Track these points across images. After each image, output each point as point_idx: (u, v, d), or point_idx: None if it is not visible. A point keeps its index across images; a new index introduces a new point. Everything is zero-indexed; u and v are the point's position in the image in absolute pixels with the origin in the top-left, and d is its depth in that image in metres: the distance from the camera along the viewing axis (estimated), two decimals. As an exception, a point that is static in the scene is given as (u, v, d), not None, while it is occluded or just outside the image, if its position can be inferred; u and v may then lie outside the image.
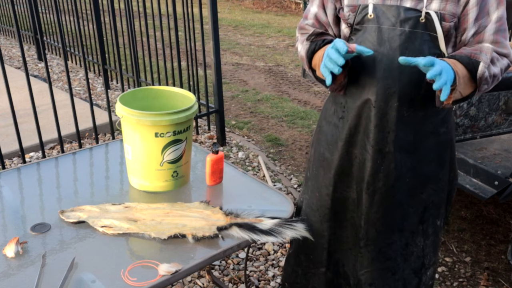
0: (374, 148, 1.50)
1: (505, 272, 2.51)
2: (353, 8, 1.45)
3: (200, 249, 1.49)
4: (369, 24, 1.43)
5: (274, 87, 5.57)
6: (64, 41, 3.13)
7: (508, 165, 2.38)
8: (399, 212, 1.57)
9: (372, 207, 1.56)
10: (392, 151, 1.49)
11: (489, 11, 1.38)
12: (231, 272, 2.44)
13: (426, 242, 1.62)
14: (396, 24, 1.39)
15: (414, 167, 1.52)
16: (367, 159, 1.52)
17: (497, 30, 1.38)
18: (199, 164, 2.04)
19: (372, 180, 1.53)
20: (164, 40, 4.27)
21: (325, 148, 1.63)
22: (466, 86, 1.35)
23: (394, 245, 1.60)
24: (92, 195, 1.78)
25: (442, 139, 1.53)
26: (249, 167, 3.53)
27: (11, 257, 1.41)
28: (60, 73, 5.49)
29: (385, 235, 1.59)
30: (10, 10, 6.59)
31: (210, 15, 3.49)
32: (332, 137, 1.60)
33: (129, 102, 1.80)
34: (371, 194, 1.55)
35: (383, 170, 1.51)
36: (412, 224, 1.58)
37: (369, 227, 1.59)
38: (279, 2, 11.68)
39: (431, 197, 1.57)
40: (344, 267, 1.72)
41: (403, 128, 1.47)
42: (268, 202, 1.76)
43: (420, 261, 1.63)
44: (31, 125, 3.00)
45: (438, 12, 1.36)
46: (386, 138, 1.48)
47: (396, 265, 1.62)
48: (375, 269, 1.63)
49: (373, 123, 1.47)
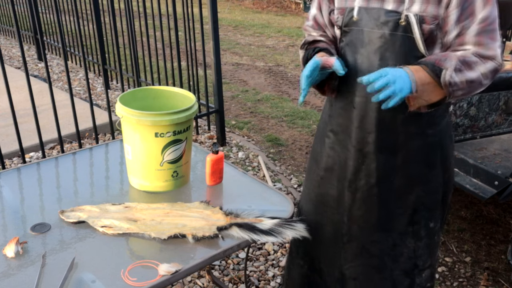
0: (356, 147, 1.54)
1: (505, 272, 2.51)
2: (342, 10, 1.49)
3: (200, 249, 1.49)
4: (354, 26, 1.46)
5: (274, 87, 5.57)
6: (64, 41, 3.13)
7: (508, 165, 2.38)
8: (384, 212, 1.58)
9: (354, 205, 1.60)
10: (372, 151, 1.52)
11: (474, 12, 1.34)
12: (231, 272, 2.44)
13: (418, 244, 1.61)
14: (376, 27, 1.41)
15: (399, 168, 1.53)
16: (348, 157, 1.57)
17: (480, 31, 1.34)
18: (199, 164, 2.04)
19: (354, 178, 1.57)
20: (164, 40, 4.27)
21: (317, 143, 1.71)
22: (433, 92, 1.35)
23: (379, 244, 1.62)
24: (92, 195, 1.78)
25: (430, 141, 1.52)
26: (249, 167, 3.53)
27: (11, 257, 1.41)
28: (60, 73, 5.49)
29: (368, 232, 1.61)
30: (10, 10, 6.58)
31: (210, 15, 3.49)
32: (322, 132, 1.67)
33: (129, 102, 1.80)
34: (353, 192, 1.59)
35: (364, 169, 1.55)
36: (400, 225, 1.59)
37: (352, 224, 1.62)
38: (279, 2, 11.68)
39: (421, 199, 1.57)
40: (320, 263, 1.76)
41: (383, 129, 1.49)
42: (268, 202, 1.76)
43: (412, 262, 1.63)
44: (31, 125, 3.00)
45: (418, 15, 1.35)
46: (367, 139, 1.51)
47: (382, 264, 1.64)
48: (359, 265, 1.66)
49: (354, 124, 1.52)
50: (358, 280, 1.67)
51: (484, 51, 1.35)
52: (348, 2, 1.47)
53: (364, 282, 1.67)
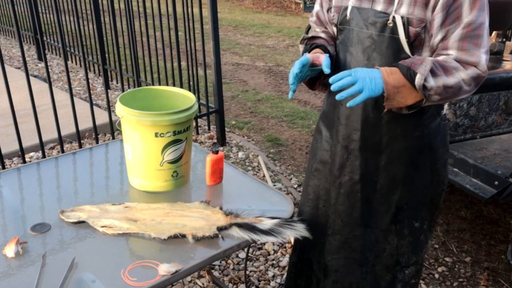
0: (341, 144, 1.58)
1: (505, 272, 2.51)
2: (338, 8, 1.52)
3: (200, 249, 1.49)
4: (346, 25, 1.50)
5: (274, 87, 5.57)
6: (64, 41, 3.13)
7: (508, 165, 2.38)
8: (367, 209, 1.61)
9: (338, 199, 1.64)
10: (357, 149, 1.55)
11: (460, 16, 1.31)
12: (231, 272, 2.44)
13: (401, 242, 1.64)
14: (366, 27, 1.43)
15: (382, 167, 1.55)
16: (336, 153, 1.61)
17: (464, 37, 1.32)
18: (199, 164, 2.04)
19: (338, 173, 1.62)
20: (164, 40, 4.27)
21: (314, 135, 1.77)
22: (410, 95, 1.35)
23: (361, 239, 1.65)
24: (92, 195, 1.78)
25: (415, 143, 1.52)
26: (249, 167, 3.53)
27: (11, 257, 1.41)
28: (60, 73, 5.49)
29: (351, 227, 1.65)
30: (10, 10, 6.59)
31: (210, 15, 3.49)
32: (318, 127, 1.73)
33: (129, 102, 1.80)
34: (337, 187, 1.63)
35: (348, 166, 1.59)
36: (383, 223, 1.62)
37: (336, 218, 1.66)
38: (279, 2, 11.68)
39: (405, 199, 1.58)
40: (309, 253, 1.81)
41: (368, 128, 1.52)
42: (268, 202, 1.76)
43: (394, 259, 1.66)
44: (31, 125, 3.00)
45: (405, 17, 1.35)
46: (352, 136, 1.55)
47: (364, 258, 1.67)
48: (340, 257, 1.70)
49: (341, 121, 1.57)
50: (339, 272, 1.72)
51: (466, 57, 1.32)
52: (344, 1, 1.50)
53: (345, 274, 1.71)
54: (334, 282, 1.73)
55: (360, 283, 1.70)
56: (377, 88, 1.32)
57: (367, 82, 1.31)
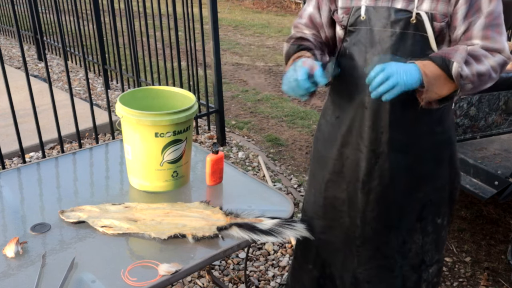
0: (368, 148, 1.52)
1: (505, 272, 2.51)
2: (347, 10, 1.48)
3: (200, 249, 1.49)
4: (361, 26, 1.45)
5: (274, 87, 5.57)
6: (64, 41, 3.13)
7: (508, 165, 2.38)
8: (395, 210, 1.58)
9: (367, 206, 1.58)
10: (386, 152, 1.51)
11: (480, 7, 1.36)
12: (231, 272, 2.44)
13: (426, 240, 1.62)
14: (387, 26, 1.40)
15: (409, 166, 1.53)
16: (361, 159, 1.54)
17: (487, 25, 1.36)
18: (199, 164, 2.04)
19: (367, 179, 1.55)
20: (164, 40, 4.27)
21: (322, 145, 1.67)
22: (444, 85, 1.34)
23: (391, 243, 1.62)
24: (92, 195, 1.78)
25: (439, 139, 1.53)
26: (249, 167, 3.53)
27: (11, 257, 1.41)
28: (60, 73, 5.49)
29: (381, 233, 1.61)
30: (10, 10, 6.58)
31: (210, 15, 3.49)
32: (329, 135, 1.64)
33: (129, 102, 1.80)
34: (366, 193, 1.57)
35: (377, 170, 1.53)
36: (409, 222, 1.59)
37: (365, 226, 1.61)
38: (279, 2, 11.67)
39: (430, 196, 1.58)
40: (330, 267, 1.74)
41: (396, 129, 1.49)
42: (268, 202, 1.76)
43: (419, 258, 1.64)
44: (31, 125, 2.99)
45: (429, 13, 1.35)
46: (380, 139, 1.50)
47: (394, 262, 1.64)
48: (372, 267, 1.65)
49: (367, 124, 1.50)
50: (371, 282, 1.67)
51: (492, 44, 1.36)
52: (353, 2, 1.46)
53: (378, 283, 1.67)
54: None
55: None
56: (413, 80, 1.30)
57: (402, 75, 1.28)
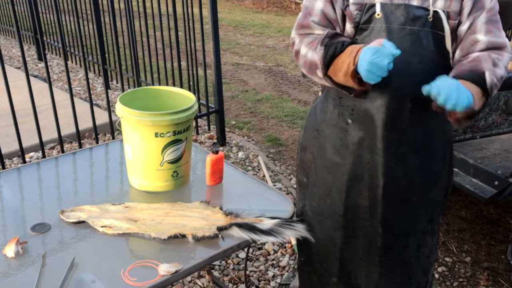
0: (388, 151, 1.45)
1: (505, 272, 2.51)
2: (360, 6, 1.39)
3: (200, 249, 1.49)
4: (376, 23, 1.38)
5: (274, 87, 5.57)
6: (64, 41, 3.13)
7: (508, 165, 2.38)
8: (412, 213, 1.55)
9: (388, 212, 1.52)
10: (405, 153, 1.47)
11: (484, 5, 1.38)
12: (231, 272, 2.44)
13: (434, 241, 1.63)
14: (406, 23, 1.36)
15: (423, 167, 1.51)
16: (378, 163, 1.47)
17: (489, 20, 1.38)
18: (199, 164, 2.04)
19: (387, 183, 1.49)
20: (164, 40, 4.27)
21: (333, 153, 1.56)
22: (480, 100, 1.31)
23: (409, 248, 1.58)
24: (92, 195, 1.78)
25: (447, 136, 1.54)
26: (249, 167, 3.53)
27: (11, 257, 1.41)
28: (60, 73, 5.49)
29: (402, 238, 1.57)
30: (10, 10, 6.58)
31: (210, 15, 3.49)
32: (341, 141, 1.53)
33: (129, 102, 1.80)
34: (388, 199, 1.51)
35: (397, 173, 1.48)
36: (423, 224, 1.58)
37: (387, 233, 1.55)
38: (279, 2, 11.67)
39: (437, 196, 1.57)
40: (356, 279, 1.67)
41: (415, 128, 1.46)
42: (268, 202, 1.76)
43: (429, 261, 1.64)
44: (31, 125, 2.99)
45: (445, 11, 1.36)
46: (399, 140, 1.45)
47: (412, 268, 1.61)
48: (395, 276, 1.61)
49: (386, 126, 1.43)
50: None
51: (495, 39, 1.37)
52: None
53: None
54: None
55: None
56: (466, 100, 1.22)
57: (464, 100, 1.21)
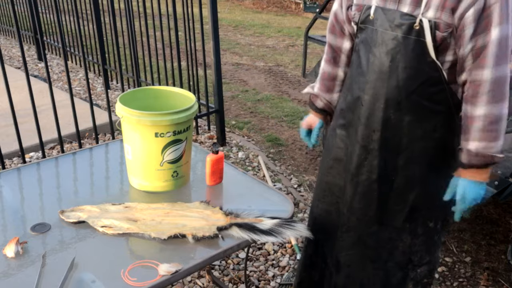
0: (360, 144, 1.57)
1: (505, 272, 2.51)
2: (359, 7, 1.50)
3: (200, 249, 1.49)
4: (369, 25, 1.47)
5: (274, 87, 5.57)
6: (64, 41, 3.13)
7: (508, 165, 2.38)
8: (383, 207, 1.61)
9: (354, 198, 1.64)
10: (376, 149, 1.54)
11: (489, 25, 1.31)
12: (231, 272, 2.44)
13: (415, 241, 1.64)
14: (390, 28, 1.41)
15: (400, 167, 1.55)
16: (353, 152, 1.60)
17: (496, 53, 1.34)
18: (199, 164, 2.04)
19: (356, 172, 1.61)
20: (164, 40, 4.27)
21: (329, 132, 1.78)
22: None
23: (374, 236, 1.66)
24: (92, 195, 1.78)
25: (435, 144, 1.51)
26: (249, 167, 3.53)
27: (11, 257, 1.41)
28: (60, 73, 5.49)
29: (366, 225, 1.65)
30: (10, 10, 6.58)
31: (210, 15, 3.49)
32: (334, 123, 1.74)
33: (129, 102, 1.80)
34: (354, 186, 1.63)
35: (366, 165, 1.58)
36: (397, 221, 1.62)
37: (351, 215, 1.67)
38: (279, 2, 11.67)
39: (421, 199, 1.58)
40: (323, 247, 1.82)
41: (389, 129, 1.51)
42: (268, 202, 1.76)
43: (406, 257, 1.66)
44: (31, 125, 2.99)
45: (432, 21, 1.34)
46: (372, 137, 1.54)
47: (377, 255, 1.68)
48: (354, 253, 1.71)
49: (361, 121, 1.55)
50: (351, 267, 1.73)
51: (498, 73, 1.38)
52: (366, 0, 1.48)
53: (358, 270, 1.72)
54: (346, 277, 1.74)
55: (371, 279, 1.71)
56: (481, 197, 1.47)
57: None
